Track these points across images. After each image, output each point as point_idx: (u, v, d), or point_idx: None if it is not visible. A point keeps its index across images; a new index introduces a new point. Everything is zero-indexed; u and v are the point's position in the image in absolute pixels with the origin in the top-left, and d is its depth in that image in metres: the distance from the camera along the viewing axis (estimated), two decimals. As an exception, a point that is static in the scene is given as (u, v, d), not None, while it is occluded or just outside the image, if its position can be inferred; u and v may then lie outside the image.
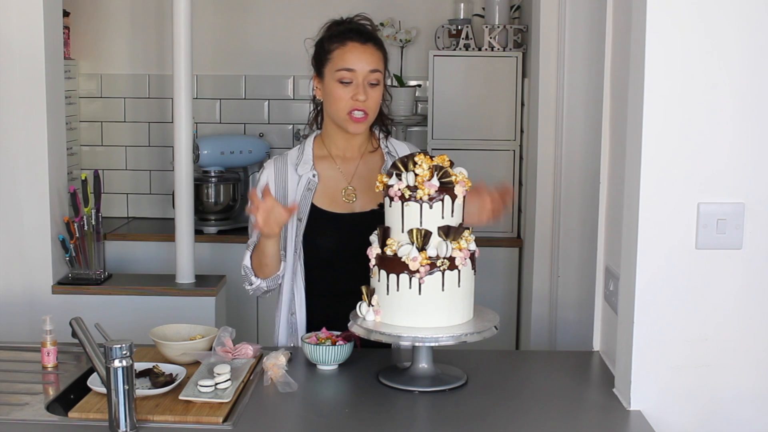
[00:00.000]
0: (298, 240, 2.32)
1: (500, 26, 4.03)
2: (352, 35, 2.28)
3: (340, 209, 2.33)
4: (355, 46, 2.26)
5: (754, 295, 1.90)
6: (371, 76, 2.26)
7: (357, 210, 2.32)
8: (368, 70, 2.26)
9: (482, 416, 1.89)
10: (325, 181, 2.35)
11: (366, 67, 2.25)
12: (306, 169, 2.34)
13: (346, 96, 2.25)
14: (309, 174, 2.34)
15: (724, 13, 1.82)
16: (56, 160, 3.41)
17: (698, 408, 1.92)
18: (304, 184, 2.33)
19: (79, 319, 1.87)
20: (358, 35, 2.28)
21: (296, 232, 2.32)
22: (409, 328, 1.96)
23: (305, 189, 2.33)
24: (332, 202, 2.33)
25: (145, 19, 4.48)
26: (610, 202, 2.23)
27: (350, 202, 2.33)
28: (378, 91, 2.29)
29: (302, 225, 2.31)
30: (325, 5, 4.38)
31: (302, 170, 2.35)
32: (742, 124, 1.85)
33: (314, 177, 2.33)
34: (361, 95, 2.24)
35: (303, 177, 2.34)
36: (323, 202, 2.33)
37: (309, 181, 2.33)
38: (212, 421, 1.83)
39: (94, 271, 3.44)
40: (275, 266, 2.28)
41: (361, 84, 2.25)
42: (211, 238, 4.11)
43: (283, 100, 4.52)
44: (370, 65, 2.26)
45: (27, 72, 3.28)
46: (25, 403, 1.95)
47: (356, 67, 2.25)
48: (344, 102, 2.26)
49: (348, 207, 2.33)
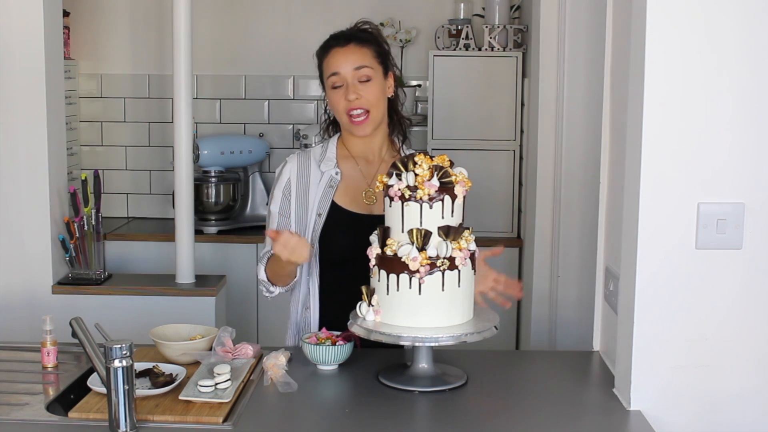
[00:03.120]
0: (316, 236, 2.33)
1: (500, 26, 4.03)
2: (332, 41, 2.34)
3: (360, 209, 2.35)
4: (336, 51, 2.31)
5: (754, 295, 1.90)
6: (357, 73, 2.29)
7: (376, 212, 2.32)
8: (352, 68, 2.29)
9: (482, 416, 1.89)
10: (346, 180, 2.36)
11: (349, 66, 2.29)
12: (329, 167, 2.36)
13: (341, 100, 2.29)
14: (332, 171, 2.36)
15: (724, 12, 1.82)
16: (56, 160, 3.41)
17: (698, 408, 1.92)
18: (326, 180, 2.35)
19: (79, 319, 1.86)
20: (337, 40, 2.33)
21: (314, 227, 2.33)
22: (409, 328, 1.96)
23: (327, 186, 2.35)
24: (352, 202, 2.35)
25: (145, 19, 4.48)
26: (610, 202, 2.23)
27: (370, 204, 2.35)
28: (372, 86, 2.30)
29: (321, 220, 2.33)
30: (325, 5, 4.40)
31: (325, 167, 2.36)
32: (741, 124, 1.85)
33: (337, 175, 2.35)
34: (351, 95, 2.27)
35: (326, 174, 2.36)
36: (344, 201, 2.35)
37: (331, 178, 2.35)
38: (212, 421, 1.83)
39: (94, 271, 3.44)
40: (293, 276, 2.31)
41: (350, 84, 2.28)
42: (211, 238, 4.11)
43: (283, 100, 4.52)
44: (354, 63, 2.29)
45: (27, 72, 3.28)
46: (25, 403, 1.95)
47: (340, 69, 2.29)
48: (341, 106, 2.30)
49: (367, 208, 2.35)
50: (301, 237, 2.14)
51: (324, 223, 2.33)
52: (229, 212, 4.28)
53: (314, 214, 2.33)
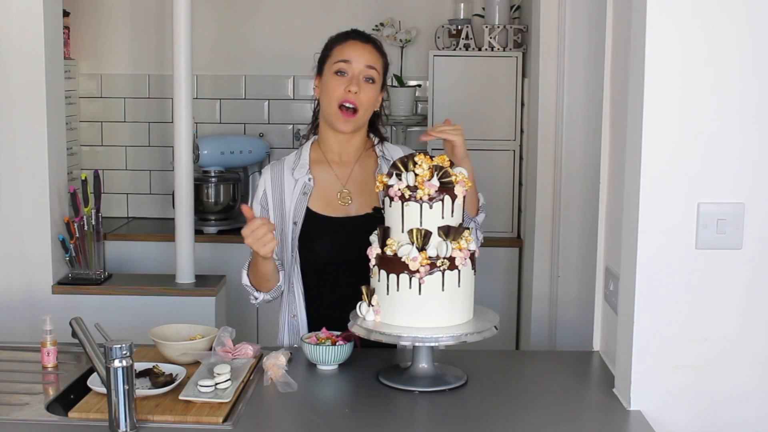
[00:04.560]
0: (294, 244, 2.32)
1: (500, 26, 4.03)
2: (354, 35, 2.36)
3: (336, 213, 2.34)
4: (355, 43, 2.33)
5: (754, 295, 1.90)
6: (367, 71, 2.30)
7: (352, 213, 2.33)
8: (365, 64, 2.30)
9: (482, 416, 1.89)
10: (320, 184, 2.36)
11: (362, 61, 2.30)
12: (302, 173, 2.36)
13: (340, 87, 2.29)
14: (305, 178, 2.35)
15: (724, 12, 1.82)
16: (56, 160, 3.41)
17: (698, 408, 1.92)
18: (300, 188, 2.34)
19: (79, 319, 1.87)
20: (359, 35, 2.36)
21: (292, 235, 2.33)
22: (409, 328, 1.96)
23: (301, 193, 2.34)
24: (328, 206, 2.34)
25: (145, 19, 4.48)
26: (610, 202, 2.23)
27: (345, 205, 2.34)
28: (372, 89, 2.31)
29: (297, 228, 2.32)
30: (325, 5, 4.40)
31: (298, 174, 2.36)
32: (742, 124, 1.85)
33: (310, 181, 2.35)
34: (354, 86, 2.28)
35: (299, 181, 2.35)
36: (319, 206, 2.34)
37: (305, 185, 2.35)
38: (212, 421, 1.83)
39: (94, 271, 3.45)
40: (274, 280, 2.30)
41: (356, 77, 2.29)
42: (211, 238, 4.11)
43: (283, 100, 4.52)
44: (368, 61, 2.31)
45: (27, 72, 3.28)
46: (25, 403, 1.95)
47: (353, 59, 2.30)
48: (337, 93, 2.29)
49: (343, 210, 2.34)
50: (270, 229, 2.11)
51: (301, 230, 2.32)
52: (229, 212, 4.28)
53: (290, 222, 2.33)
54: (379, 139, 2.43)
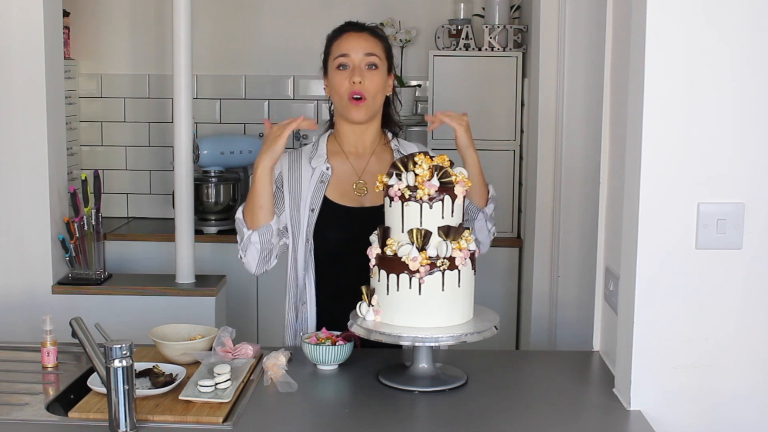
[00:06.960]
0: (310, 231, 2.34)
1: (500, 26, 4.03)
2: (348, 26, 2.40)
3: (351, 203, 2.36)
4: (350, 35, 2.36)
5: (754, 295, 1.90)
6: (367, 59, 2.32)
7: (367, 204, 2.35)
8: (363, 53, 2.32)
9: (482, 416, 1.89)
10: (337, 174, 2.38)
11: (360, 50, 2.32)
12: (320, 162, 2.38)
13: (344, 81, 2.31)
14: (323, 167, 2.37)
15: (724, 12, 1.82)
16: (56, 160, 3.40)
17: (698, 408, 1.92)
18: (318, 176, 2.37)
19: (79, 319, 1.87)
20: (352, 26, 2.40)
21: (308, 222, 2.34)
22: (409, 328, 1.96)
23: (318, 181, 2.36)
24: (344, 196, 2.36)
25: (145, 19, 4.48)
26: (610, 202, 2.23)
27: (361, 196, 2.36)
28: (377, 75, 2.33)
29: (314, 216, 2.34)
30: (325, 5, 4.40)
31: (316, 163, 2.38)
32: (742, 124, 1.85)
33: (327, 170, 2.37)
34: (357, 77, 2.30)
35: (317, 170, 2.37)
36: (335, 195, 2.36)
37: (322, 173, 2.37)
38: (212, 421, 1.83)
39: (94, 271, 3.44)
40: (266, 212, 2.26)
41: (357, 67, 2.31)
42: (211, 238, 4.11)
43: (283, 100, 4.52)
44: (365, 49, 2.33)
45: (27, 72, 3.28)
46: (25, 403, 1.95)
47: (350, 51, 2.32)
48: (344, 87, 2.31)
49: (358, 201, 2.36)
50: (284, 132, 2.20)
51: (317, 218, 2.34)
52: (229, 212, 4.27)
53: (307, 209, 2.34)
54: (393, 135, 2.45)
